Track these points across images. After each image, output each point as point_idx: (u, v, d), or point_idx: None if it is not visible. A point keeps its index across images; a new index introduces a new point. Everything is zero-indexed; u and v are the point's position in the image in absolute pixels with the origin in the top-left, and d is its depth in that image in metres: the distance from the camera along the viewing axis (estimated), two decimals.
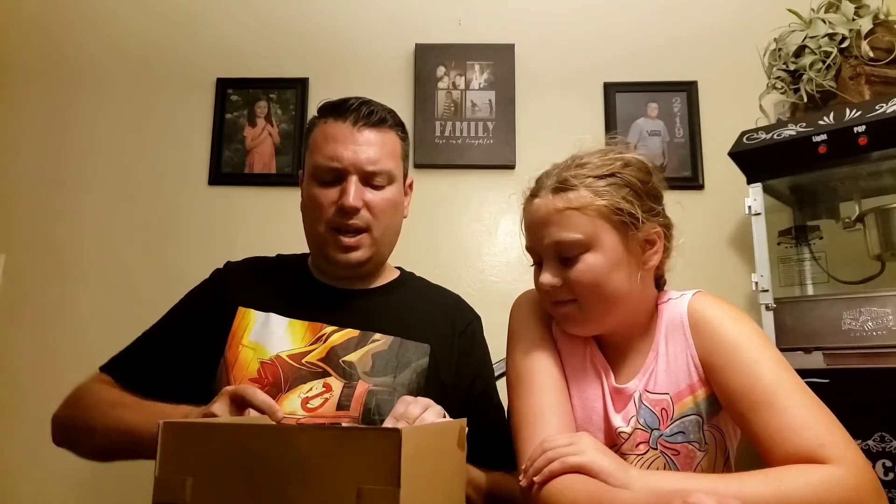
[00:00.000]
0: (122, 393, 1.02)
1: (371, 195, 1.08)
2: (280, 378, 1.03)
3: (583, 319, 0.93)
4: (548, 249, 0.91)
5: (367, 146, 1.08)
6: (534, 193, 0.95)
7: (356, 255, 1.09)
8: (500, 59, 1.98)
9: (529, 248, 0.96)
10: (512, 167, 1.91)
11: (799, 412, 0.80)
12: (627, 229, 0.90)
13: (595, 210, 0.88)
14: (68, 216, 1.94)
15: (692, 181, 1.88)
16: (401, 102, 1.97)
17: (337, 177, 1.07)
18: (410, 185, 1.20)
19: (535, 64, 1.99)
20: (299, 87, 1.97)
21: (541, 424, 0.89)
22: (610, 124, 1.92)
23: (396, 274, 1.24)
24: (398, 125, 1.15)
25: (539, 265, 0.94)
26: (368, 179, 1.08)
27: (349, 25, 2.03)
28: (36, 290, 1.89)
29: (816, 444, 0.76)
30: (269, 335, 1.06)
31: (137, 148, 1.98)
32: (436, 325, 1.13)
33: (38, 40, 2.06)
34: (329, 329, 1.08)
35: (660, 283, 1.01)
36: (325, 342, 1.06)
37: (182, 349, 1.08)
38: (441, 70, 1.98)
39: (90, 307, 1.88)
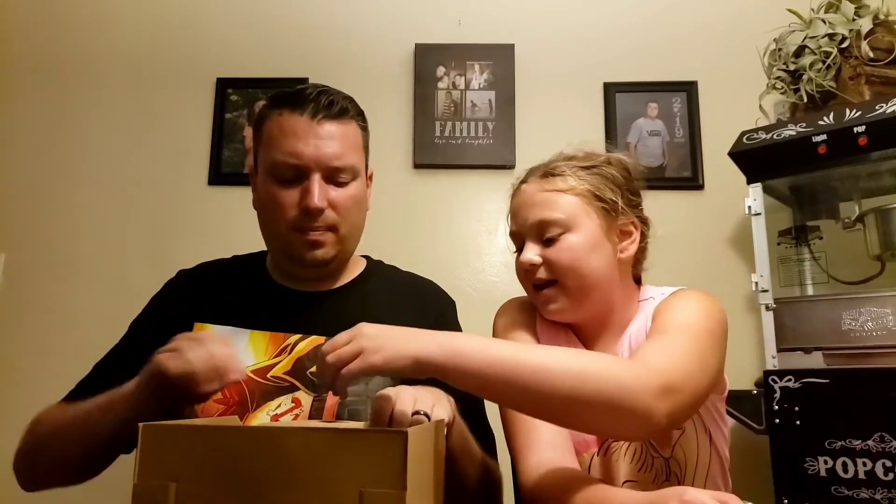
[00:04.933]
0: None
1: (335, 193, 1.00)
2: (246, 396, 0.97)
3: (561, 301, 0.95)
4: (531, 229, 0.95)
5: (329, 140, 0.99)
6: (523, 181, 1.01)
7: (321, 253, 1.01)
8: (499, 59, 1.97)
9: (513, 233, 1.00)
10: (512, 167, 1.91)
11: (670, 343, 0.81)
12: (607, 215, 0.95)
13: (578, 193, 0.94)
14: (68, 216, 1.94)
15: (692, 181, 1.88)
16: (401, 102, 1.97)
17: (297, 174, 0.99)
18: (370, 177, 1.12)
19: (535, 64, 1.99)
20: None
21: (536, 431, 0.88)
22: (610, 124, 1.92)
23: (362, 267, 1.16)
24: (359, 114, 1.06)
25: (520, 251, 0.98)
26: (332, 176, 1.00)
27: (349, 25, 2.02)
28: (35, 290, 1.89)
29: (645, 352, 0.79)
30: None
31: (137, 148, 1.98)
32: (405, 319, 1.03)
33: (37, 40, 2.06)
34: (293, 338, 1.01)
35: (637, 281, 1.05)
36: (290, 353, 1.00)
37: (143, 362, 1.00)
38: (441, 70, 1.98)
39: (90, 307, 1.88)
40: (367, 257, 1.19)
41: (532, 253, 0.94)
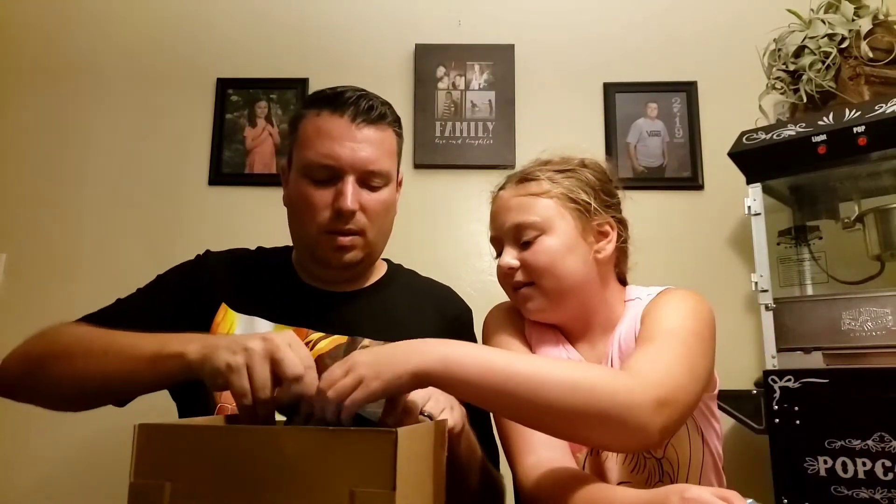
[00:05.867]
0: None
1: (367, 197, 1.01)
2: None
3: (539, 301, 0.97)
4: (508, 233, 0.98)
5: (366, 145, 1.00)
6: (501, 187, 1.03)
7: (350, 256, 1.02)
8: (499, 59, 1.98)
9: (493, 238, 1.03)
10: (512, 167, 1.90)
11: (660, 352, 0.81)
12: (581, 216, 0.97)
13: (552, 196, 0.97)
14: (69, 216, 1.94)
15: (692, 181, 1.88)
16: (401, 102, 1.97)
17: (332, 176, 1.00)
18: (400, 182, 1.14)
19: (535, 64, 1.99)
20: (299, 87, 1.97)
21: (531, 432, 0.88)
22: (610, 125, 1.92)
23: (384, 270, 1.18)
24: (395, 121, 1.08)
25: (500, 255, 1.01)
26: (365, 180, 1.01)
27: (349, 25, 2.03)
28: (36, 290, 1.89)
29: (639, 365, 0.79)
30: None
31: (138, 148, 1.98)
32: (426, 324, 1.08)
33: (38, 39, 2.06)
34: (315, 335, 1.02)
35: (623, 282, 1.06)
36: (311, 350, 1.00)
37: (161, 320, 0.97)
38: (441, 70, 1.98)
39: (90, 307, 1.86)
40: (387, 260, 1.21)
41: (510, 256, 0.97)
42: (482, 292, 1.84)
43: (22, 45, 2.06)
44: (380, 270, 1.17)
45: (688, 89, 1.93)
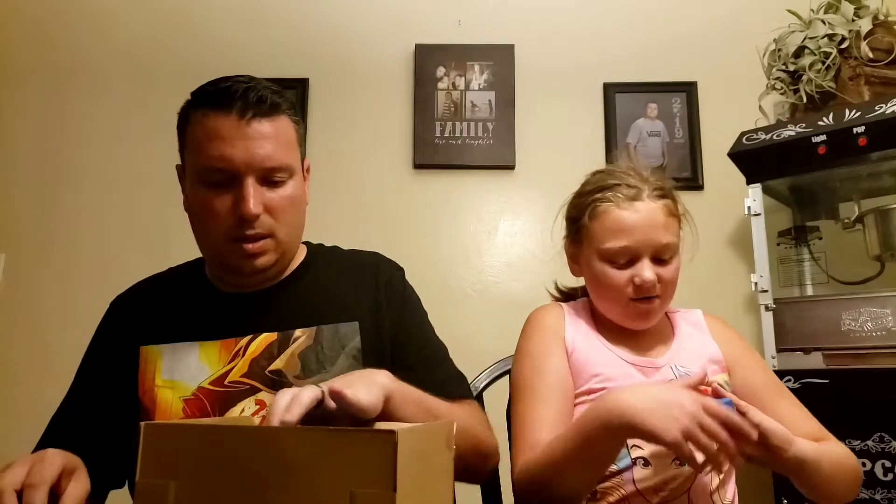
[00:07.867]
0: None
1: (270, 195, 0.93)
2: (207, 411, 0.93)
3: (657, 315, 1.02)
4: (656, 250, 0.99)
5: (261, 140, 0.91)
6: (634, 197, 1.01)
7: (262, 261, 0.95)
8: (499, 59, 1.98)
9: (621, 249, 0.99)
10: (511, 167, 1.91)
11: (797, 403, 0.99)
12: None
13: (678, 219, 1.04)
14: (69, 216, 1.94)
15: (692, 181, 1.88)
16: (401, 102, 1.97)
17: (228, 179, 0.91)
18: (308, 169, 1.05)
19: (534, 64, 1.99)
20: (299, 87, 1.97)
21: (529, 435, 0.91)
22: (609, 125, 1.92)
23: (303, 253, 1.09)
24: (291, 107, 0.99)
25: (622, 266, 0.99)
26: (266, 178, 0.93)
27: (349, 25, 2.03)
28: (36, 290, 1.89)
29: (820, 431, 0.95)
30: (182, 368, 0.95)
31: (137, 148, 1.98)
32: (357, 296, 1.03)
33: (38, 40, 2.06)
34: (244, 340, 0.96)
35: None
36: (243, 355, 0.95)
37: (99, 415, 0.96)
38: (441, 70, 1.98)
39: (90, 307, 1.86)
40: (307, 243, 1.13)
41: (653, 272, 0.98)
42: (482, 292, 1.84)
43: (22, 45, 2.06)
44: (299, 255, 1.08)
45: (688, 89, 1.93)
